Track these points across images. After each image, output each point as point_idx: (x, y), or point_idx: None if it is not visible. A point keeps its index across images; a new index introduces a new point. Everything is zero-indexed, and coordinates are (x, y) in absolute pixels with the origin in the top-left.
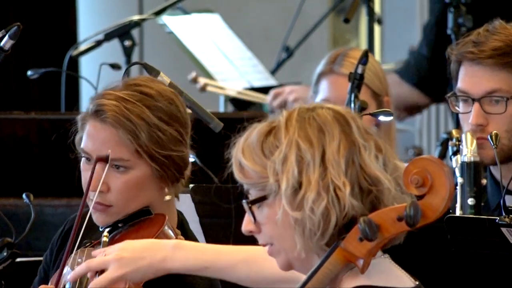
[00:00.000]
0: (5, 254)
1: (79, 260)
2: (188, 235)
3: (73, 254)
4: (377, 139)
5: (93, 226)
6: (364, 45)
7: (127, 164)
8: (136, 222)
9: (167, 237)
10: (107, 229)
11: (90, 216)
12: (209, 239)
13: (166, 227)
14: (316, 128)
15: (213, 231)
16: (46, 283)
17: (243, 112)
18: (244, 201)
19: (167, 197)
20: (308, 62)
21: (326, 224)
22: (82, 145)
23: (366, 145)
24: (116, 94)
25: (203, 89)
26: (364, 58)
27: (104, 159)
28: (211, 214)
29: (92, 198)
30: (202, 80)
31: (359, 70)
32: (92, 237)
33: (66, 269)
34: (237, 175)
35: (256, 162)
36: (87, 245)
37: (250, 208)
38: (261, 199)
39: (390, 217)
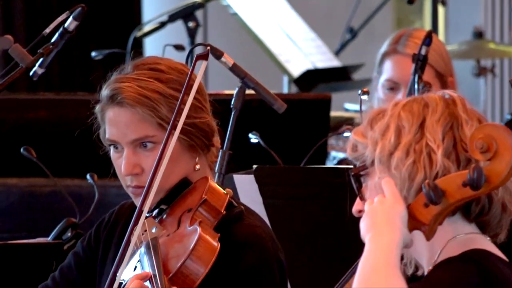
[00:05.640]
0: (69, 234)
1: (140, 232)
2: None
3: (138, 230)
4: (481, 118)
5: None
6: (428, 26)
7: (153, 140)
8: (179, 198)
9: (217, 192)
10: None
11: (132, 207)
12: (273, 220)
13: (212, 183)
14: (421, 104)
15: (277, 212)
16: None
17: (307, 93)
18: (351, 174)
19: (197, 166)
20: (371, 43)
21: (411, 182)
22: (107, 136)
23: (469, 120)
24: (127, 76)
25: None
26: (428, 39)
27: (205, 56)
28: (275, 195)
29: (130, 183)
30: None
31: (423, 51)
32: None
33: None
34: (348, 153)
35: (363, 135)
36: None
37: (356, 184)
38: (362, 169)
39: (456, 183)
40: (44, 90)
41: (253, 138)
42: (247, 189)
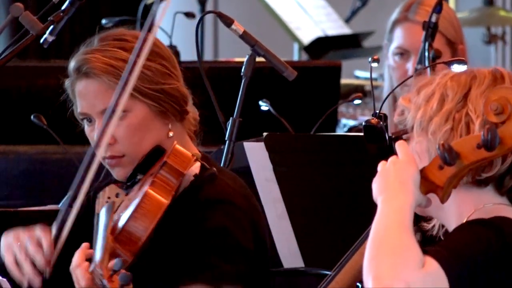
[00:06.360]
0: None
1: (103, 200)
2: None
3: (100, 197)
4: None
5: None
6: None
7: (123, 108)
8: (153, 165)
9: (181, 154)
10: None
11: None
12: (283, 187)
13: (177, 147)
14: (469, 76)
15: (287, 179)
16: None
17: (317, 60)
18: (391, 136)
19: (171, 134)
20: (382, 10)
21: None
22: (78, 110)
23: None
24: (92, 49)
25: None
26: (438, 7)
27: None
28: (285, 162)
29: (104, 154)
30: None
31: (433, 19)
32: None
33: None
34: (395, 117)
35: (410, 100)
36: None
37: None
38: (403, 132)
39: (470, 145)
40: (54, 58)
41: (264, 106)
42: (257, 157)
